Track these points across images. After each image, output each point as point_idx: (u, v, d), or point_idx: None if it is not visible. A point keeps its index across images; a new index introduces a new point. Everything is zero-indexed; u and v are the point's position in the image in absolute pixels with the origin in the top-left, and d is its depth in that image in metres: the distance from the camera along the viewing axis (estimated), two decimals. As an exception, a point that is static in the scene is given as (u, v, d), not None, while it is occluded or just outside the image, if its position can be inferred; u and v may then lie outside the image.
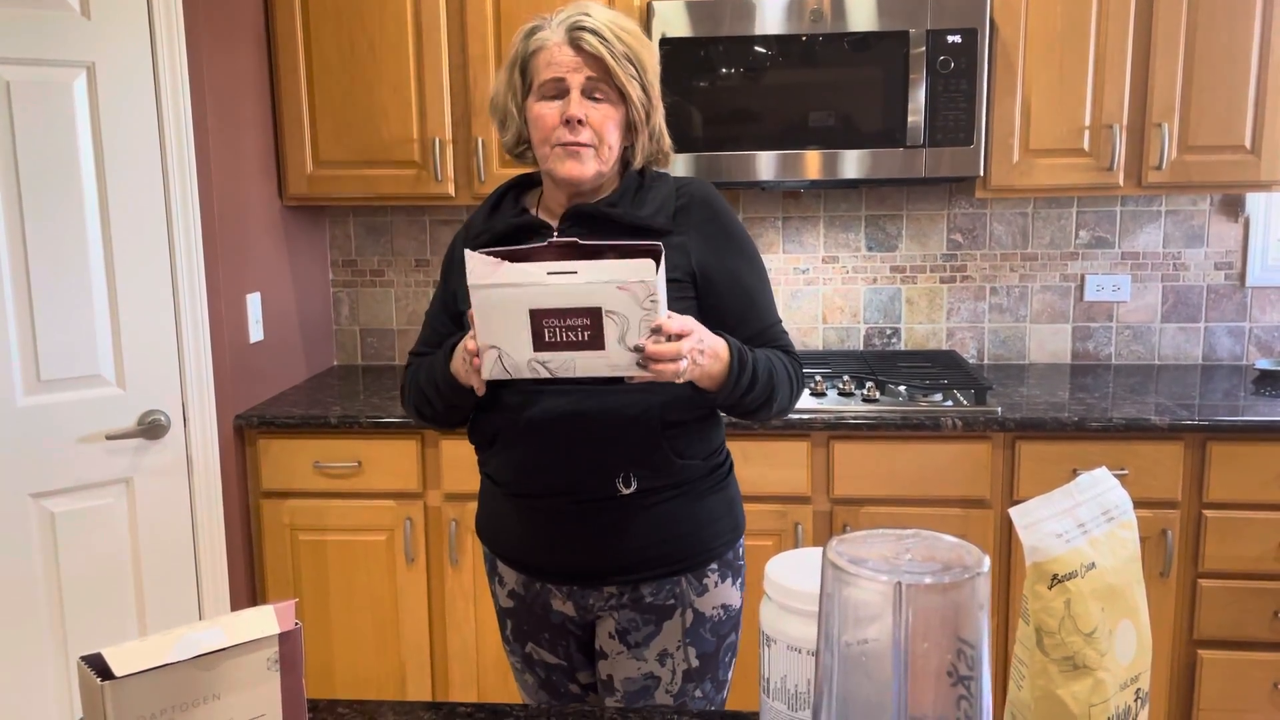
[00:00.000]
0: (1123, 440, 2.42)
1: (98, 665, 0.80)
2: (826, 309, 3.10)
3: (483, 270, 1.28)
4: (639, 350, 1.29)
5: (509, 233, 1.55)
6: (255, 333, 2.70)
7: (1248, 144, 2.58)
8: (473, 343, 1.36)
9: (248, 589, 2.64)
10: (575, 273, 1.26)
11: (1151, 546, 2.43)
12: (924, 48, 2.52)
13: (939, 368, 2.81)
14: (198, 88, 2.40)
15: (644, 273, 1.25)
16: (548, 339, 1.30)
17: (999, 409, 2.46)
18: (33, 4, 2.10)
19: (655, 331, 1.29)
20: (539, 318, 1.29)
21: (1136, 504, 2.32)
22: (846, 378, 2.65)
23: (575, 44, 1.47)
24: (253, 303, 2.69)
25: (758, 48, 2.55)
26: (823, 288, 3.09)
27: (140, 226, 2.30)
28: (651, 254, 1.26)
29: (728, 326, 1.50)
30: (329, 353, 3.22)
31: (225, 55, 2.54)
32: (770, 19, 2.54)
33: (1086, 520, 0.85)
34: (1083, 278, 3.02)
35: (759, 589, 2.26)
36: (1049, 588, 0.82)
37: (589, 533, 1.52)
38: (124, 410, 2.31)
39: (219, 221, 2.50)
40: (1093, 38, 2.58)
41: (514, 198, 1.63)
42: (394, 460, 2.57)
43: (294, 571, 2.64)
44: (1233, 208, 2.96)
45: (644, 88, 1.51)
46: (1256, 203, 2.94)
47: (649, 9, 2.57)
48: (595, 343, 1.29)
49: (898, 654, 0.66)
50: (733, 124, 2.59)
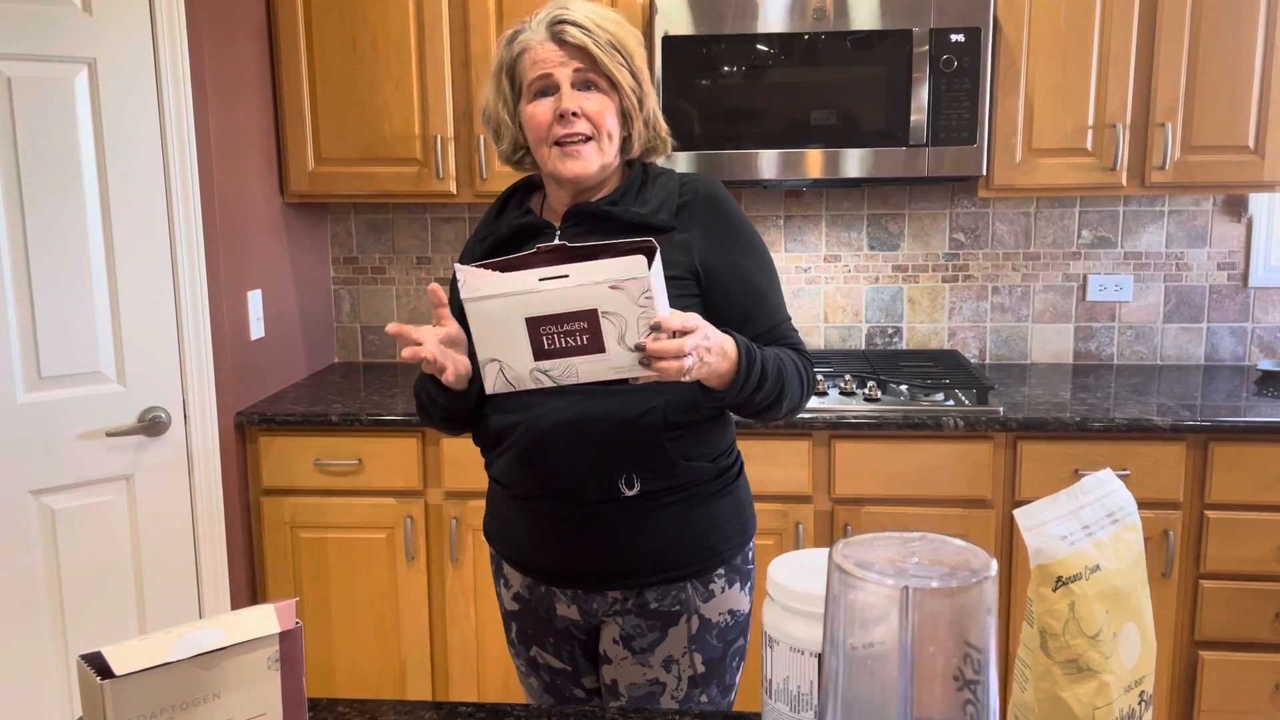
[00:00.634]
0: (1125, 441, 2.42)
1: (97, 664, 0.79)
2: (828, 308, 3.09)
3: (474, 283, 1.26)
4: (640, 349, 1.26)
5: (513, 235, 1.54)
6: (256, 330, 2.70)
7: (1251, 144, 2.57)
8: (420, 350, 1.34)
9: (248, 586, 2.64)
10: (567, 276, 1.24)
11: (1153, 547, 2.43)
12: (927, 46, 2.51)
13: (941, 367, 2.80)
14: (199, 84, 2.40)
15: (635, 270, 1.22)
16: (547, 346, 1.28)
17: (1001, 409, 2.45)
18: (34, -1, 2.10)
19: (655, 329, 1.26)
20: (536, 325, 1.27)
21: (1138, 505, 2.32)
22: (848, 377, 2.65)
23: (558, 39, 1.46)
24: (254, 300, 2.68)
25: (760, 46, 2.54)
26: (824, 287, 3.08)
27: (141, 223, 2.29)
28: (643, 250, 1.24)
29: (734, 324, 1.46)
30: (330, 350, 3.22)
31: (227, 51, 2.53)
32: (773, 17, 2.53)
33: (1091, 522, 0.85)
34: (1085, 278, 3.02)
35: (763, 589, 2.25)
36: (1053, 590, 0.82)
37: (592, 536, 1.50)
38: (124, 407, 2.31)
39: (220, 218, 2.50)
40: (1096, 37, 2.57)
41: (519, 200, 1.62)
42: (395, 458, 2.57)
43: (294, 569, 2.64)
44: (1235, 208, 2.96)
45: (633, 74, 1.49)
46: (1259, 203, 2.94)
47: (651, 6, 2.57)
48: (595, 346, 1.27)
49: (904, 658, 0.66)
50: (735, 122, 2.58)
